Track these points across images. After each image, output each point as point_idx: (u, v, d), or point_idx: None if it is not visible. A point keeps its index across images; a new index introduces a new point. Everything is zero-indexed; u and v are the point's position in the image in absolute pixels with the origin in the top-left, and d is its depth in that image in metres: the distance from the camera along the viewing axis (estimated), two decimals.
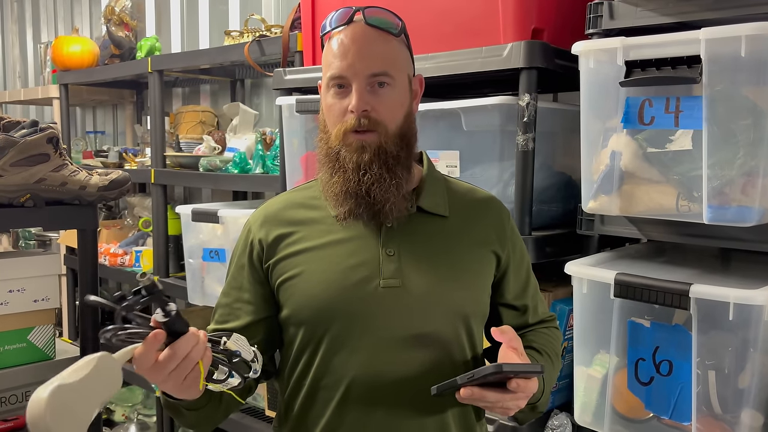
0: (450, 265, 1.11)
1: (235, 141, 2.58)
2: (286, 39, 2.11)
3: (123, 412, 3.20)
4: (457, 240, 1.13)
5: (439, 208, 1.14)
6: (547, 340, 1.20)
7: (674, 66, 1.22)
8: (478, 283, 1.13)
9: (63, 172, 1.43)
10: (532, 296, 1.22)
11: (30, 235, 3.54)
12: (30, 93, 3.53)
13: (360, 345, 1.06)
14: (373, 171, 1.05)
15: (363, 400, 1.06)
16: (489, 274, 1.15)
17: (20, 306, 1.44)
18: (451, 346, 1.09)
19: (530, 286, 1.22)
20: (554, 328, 1.25)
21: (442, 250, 1.12)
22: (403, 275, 1.08)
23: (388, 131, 1.07)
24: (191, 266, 2.36)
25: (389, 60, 1.07)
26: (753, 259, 1.44)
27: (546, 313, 1.25)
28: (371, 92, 1.06)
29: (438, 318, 1.08)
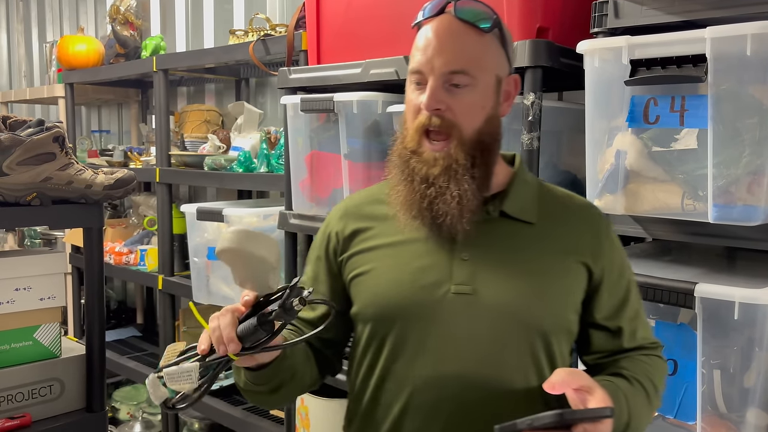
0: (531, 275, 1.02)
1: (240, 140, 2.59)
2: (290, 38, 2.11)
3: (128, 410, 3.21)
4: (543, 249, 1.04)
5: (525, 214, 1.06)
6: (643, 369, 1.06)
7: (679, 65, 1.21)
8: (563, 297, 1.03)
9: (69, 171, 1.43)
10: (630, 319, 1.08)
11: (36, 233, 3.55)
12: (35, 92, 3.54)
13: (423, 352, 1.01)
14: (437, 185, 1.00)
15: (424, 411, 1.02)
16: (577, 289, 1.05)
17: (26, 304, 1.45)
18: (524, 364, 1.01)
19: (628, 308, 1.08)
20: (655, 356, 1.10)
21: (523, 258, 1.03)
22: (476, 282, 1.01)
23: (463, 135, 1.00)
24: (196, 265, 2.37)
25: (472, 58, 0.99)
26: (758, 258, 1.44)
27: (648, 339, 1.12)
28: (447, 91, 0.99)
29: (512, 331, 1.00)
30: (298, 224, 1.98)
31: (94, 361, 1.51)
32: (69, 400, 1.49)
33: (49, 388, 1.47)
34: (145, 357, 3.10)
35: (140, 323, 3.60)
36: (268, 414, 2.41)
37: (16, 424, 1.39)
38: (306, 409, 1.94)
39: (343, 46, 1.85)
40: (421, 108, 1.00)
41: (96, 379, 1.51)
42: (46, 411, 1.46)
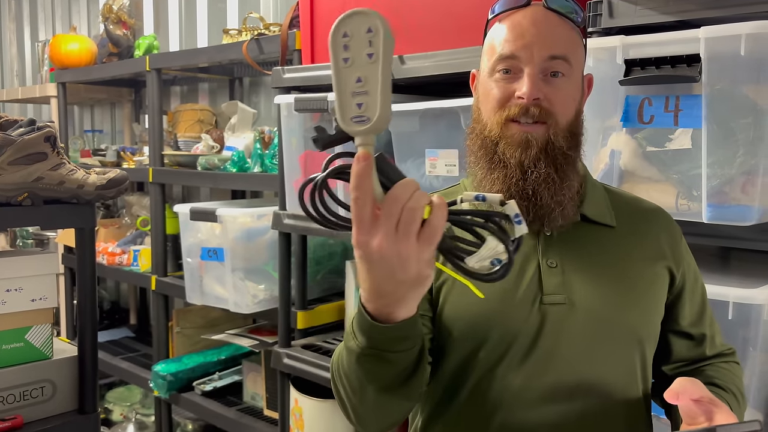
0: (619, 280, 0.97)
1: (234, 140, 2.58)
2: (284, 37, 2.10)
3: (121, 411, 3.19)
4: (627, 253, 0.99)
5: (605, 217, 1.01)
6: (730, 378, 1.03)
7: (674, 64, 1.21)
8: (652, 303, 0.99)
9: (61, 171, 1.42)
10: (709, 325, 1.05)
11: (28, 234, 3.53)
12: (27, 91, 3.52)
13: (518, 371, 0.92)
14: (540, 169, 0.91)
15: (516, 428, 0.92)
16: (662, 294, 1.00)
17: (18, 305, 1.44)
18: (623, 377, 0.95)
19: (707, 313, 1.06)
20: (734, 363, 1.07)
21: (609, 263, 0.98)
22: (569, 290, 0.94)
23: (559, 125, 0.93)
24: (189, 265, 2.36)
25: (571, 48, 0.94)
26: (752, 258, 1.44)
27: (724, 345, 1.07)
28: (545, 80, 0.92)
29: (611, 341, 0.95)
30: (292, 224, 1.98)
31: (87, 362, 1.50)
32: (61, 402, 1.48)
33: (41, 389, 1.46)
34: (138, 358, 3.08)
35: (133, 324, 3.59)
36: (262, 415, 2.40)
37: (7, 426, 1.38)
38: (300, 410, 1.94)
39: None
40: (517, 97, 0.92)
41: (88, 380, 1.50)
42: (37, 413, 1.45)
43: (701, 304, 1.06)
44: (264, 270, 2.26)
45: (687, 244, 1.07)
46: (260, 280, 2.25)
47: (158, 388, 2.59)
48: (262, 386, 2.40)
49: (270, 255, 2.25)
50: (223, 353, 2.72)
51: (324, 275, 2.34)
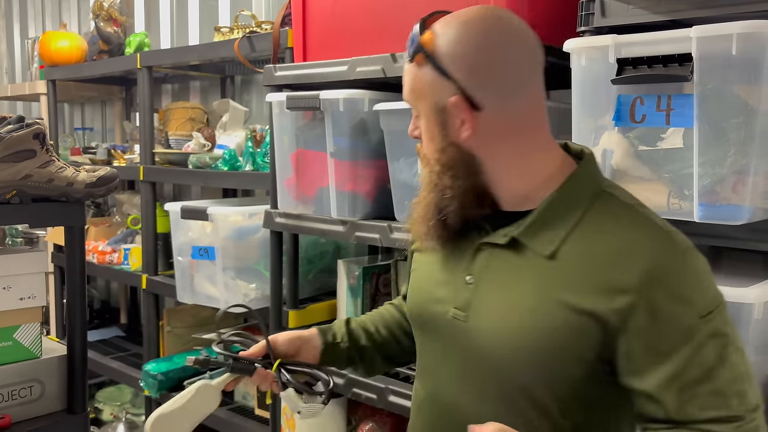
0: (522, 319, 0.90)
1: (225, 138, 2.57)
2: (276, 35, 2.09)
3: (111, 411, 3.18)
4: (552, 290, 0.89)
5: (541, 245, 0.92)
6: None
7: (666, 64, 1.21)
8: (551, 350, 0.89)
9: (50, 169, 1.41)
10: (673, 381, 0.85)
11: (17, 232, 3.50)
12: (17, 89, 3.49)
13: (431, 360, 1.04)
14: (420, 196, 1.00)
15: (427, 420, 1.05)
16: (574, 341, 0.88)
17: (6, 304, 1.42)
18: (497, 414, 0.91)
19: (671, 366, 0.85)
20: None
21: (525, 296, 0.91)
22: (471, 311, 0.95)
23: (429, 159, 0.98)
24: (180, 264, 2.35)
25: (408, 89, 0.98)
26: (743, 257, 1.44)
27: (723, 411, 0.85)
28: (417, 117, 1.00)
29: (486, 373, 0.94)
30: (284, 223, 1.97)
31: (76, 361, 1.49)
32: (49, 402, 1.47)
33: (29, 389, 1.44)
34: (128, 357, 3.07)
35: (124, 323, 3.57)
36: (253, 414, 2.39)
37: None
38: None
39: (330, 44, 1.84)
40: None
41: (77, 379, 1.49)
42: (26, 412, 1.44)
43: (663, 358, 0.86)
44: (255, 269, 2.26)
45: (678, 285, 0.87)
46: (251, 279, 2.24)
47: (149, 387, 2.58)
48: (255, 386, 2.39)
49: (261, 254, 2.24)
50: (214, 353, 2.70)
51: (315, 274, 2.33)
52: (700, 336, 0.85)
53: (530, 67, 0.96)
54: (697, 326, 0.85)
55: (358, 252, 2.43)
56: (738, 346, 0.88)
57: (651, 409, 0.88)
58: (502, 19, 0.95)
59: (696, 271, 0.88)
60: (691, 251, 0.90)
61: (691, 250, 0.90)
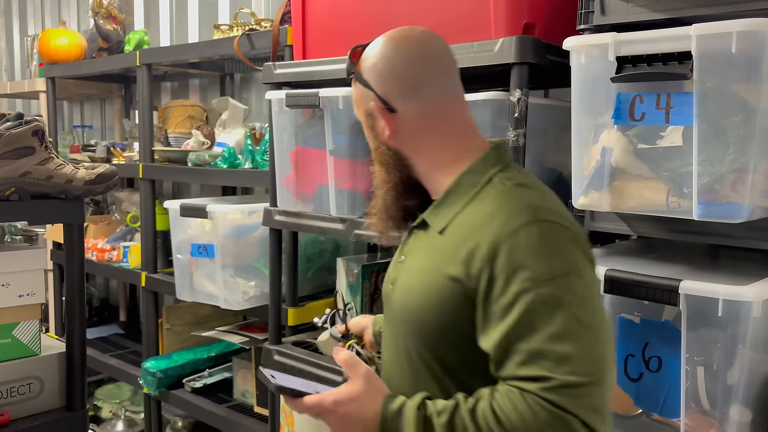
0: (417, 287, 1.05)
1: (225, 136, 2.57)
2: (276, 33, 2.09)
3: (110, 408, 3.18)
4: (436, 260, 1.03)
5: (436, 223, 1.07)
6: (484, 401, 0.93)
7: (665, 62, 1.22)
8: (425, 311, 1.02)
9: (49, 166, 1.41)
10: (502, 340, 0.93)
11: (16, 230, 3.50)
12: (16, 86, 3.49)
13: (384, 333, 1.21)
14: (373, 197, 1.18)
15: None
16: (450, 306, 0.99)
17: (5, 301, 1.42)
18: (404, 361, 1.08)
19: (503, 326, 0.93)
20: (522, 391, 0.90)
21: (418, 268, 1.07)
22: (396, 284, 1.12)
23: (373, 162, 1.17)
24: (179, 262, 2.35)
25: (353, 103, 1.17)
26: (742, 255, 1.45)
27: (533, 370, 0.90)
28: None
29: (399, 335, 1.10)
30: (283, 221, 1.97)
31: (75, 358, 1.49)
32: (48, 399, 1.47)
33: (28, 386, 1.44)
34: (127, 355, 3.07)
35: (123, 321, 3.57)
36: (253, 412, 2.39)
37: None
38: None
39: (329, 41, 1.84)
40: None
41: (76, 377, 1.49)
42: (24, 410, 1.43)
43: (497, 320, 0.94)
44: (254, 267, 2.26)
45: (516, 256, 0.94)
46: (251, 276, 2.24)
47: (148, 385, 2.58)
48: (253, 383, 2.40)
49: (261, 252, 2.24)
50: (213, 350, 2.71)
51: (315, 272, 2.33)
52: (530, 299, 0.91)
53: (430, 73, 1.08)
54: (528, 290, 0.92)
55: (357, 250, 2.43)
56: (579, 318, 0.91)
57: (491, 366, 0.96)
58: (409, 36, 1.10)
59: (537, 242, 0.94)
60: (537, 225, 0.96)
61: (539, 224, 0.96)
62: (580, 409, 0.88)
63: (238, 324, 2.61)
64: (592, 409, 0.89)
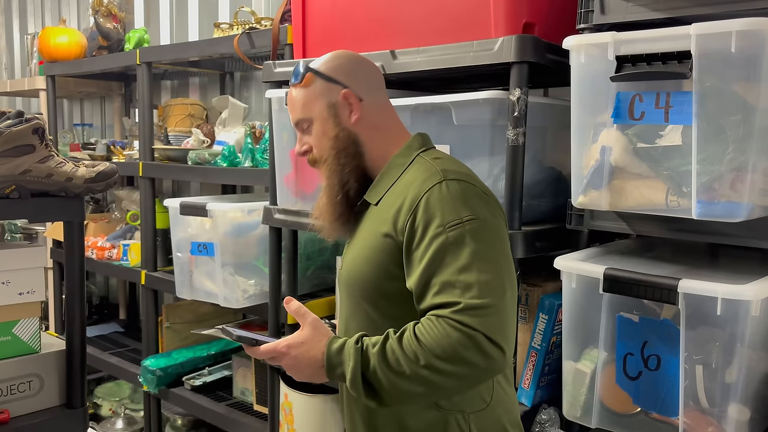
0: (355, 254, 1.25)
1: (224, 134, 2.57)
2: (276, 32, 2.09)
3: (110, 406, 3.18)
4: (369, 227, 1.24)
5: (373, 198, 1.26)
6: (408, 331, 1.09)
7: (665, 61, 1.22)
8: (372, 267, 1.20)
9: (49, 164, 1.41)
10: (421, 278, 1.10)
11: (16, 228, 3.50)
12: (16, 84, 3.49)
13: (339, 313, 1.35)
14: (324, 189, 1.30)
15: None
16: (383, 260, 1.18)
17: (5, 299, 1.43)
18: (359, 323, 1.25)
19: (421, 266, 1.11)
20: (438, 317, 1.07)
21: (358, 239, 1.27)
22: (344, 262, 1.30)
23: (324, 157, 1.28)
24: (179, 260, 2.35)
25: (301, 107, 1.29)
26: (741, 254, 1.45)
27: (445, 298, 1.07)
28: (306, 133, 1.30)
29: (349, 299, 1.27)
30: (283, 219, 1.97)
31: (75, 356, 1.49)
32: (48, 396, 1.47)
33: (28, 383, 1.45)
34: (127, 353, 3.07)
35: (123, 319, 3.57)
36: (252, 410, 2.39)
37: None
38: (290, 405, 1.93)
39: (329, 40, 1.84)
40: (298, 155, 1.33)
41: (76, 374, 1.49)
42: (24, 407, 1.44)
43: (418, 261, 1.12)
44: (254, 265, 2.26)
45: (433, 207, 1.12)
46: (250, 275, 2.24)
47: (147, 383, 2.58)
48: (252, 381, 2.40)
49: (260, 250, 2.25)
50: (213, 348, 2.71)
51: (314, 271, 2.33)
52: (441, 242, 1.10)
53: (378, 80, 1.33)
54: (440, 234, 1.10)
55: None
56: (482, 254, 1.09)
57: (414, 303, 1.14)
58: (358, 54, 1.35)
59: (446, 196, 1.13)
60: (448, 181, 1.15)
61: (449, 181, 1.15)
62: (485, 326, 1.05)
63: (238, 322, 2.61)
64: (495, 326, 1.05)
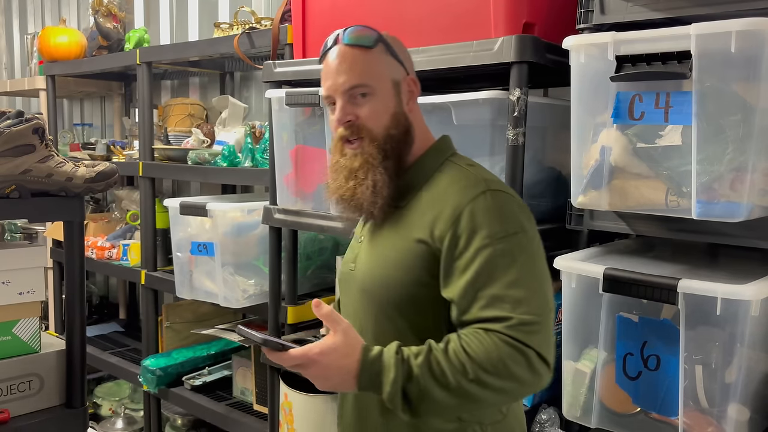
0: (379, 256, 1.20)
1: (224, 134, 2.57)
2: (276, 31, 2.09)
3: (110, 406, 3.18)
4: (398, 231, 1.18)
5: (398, 199, 1.20)
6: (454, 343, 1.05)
7: (664, 61, 1.22)
8: (398, 273, 1.15)
9: (49, 164, 1.41)
10: (467, 289, 1.07)
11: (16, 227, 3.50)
12: (16, 84, 3.49)
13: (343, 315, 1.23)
14: (359, 176, 1.18)
15: None
16: (415, 265, 1.14)
17: (5, 298, 1.43)
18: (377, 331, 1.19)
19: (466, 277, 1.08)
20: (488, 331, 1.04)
21: (381, 240, 1.21)
22: (357, 261, 1.24)
23: (374, 133, 1.18)
24: (179, 260, 2.35)
25: (366, 72, 1.18)
26: (740, 254, 1.45)
27: (496, 312, 1.05)
28: (354, 103, 1.18)
29: (364, 306, 1.21)
30: (283, 219, 1.97)
31: (75, 356, 1.49)
32: (48, 396, 1.47)
33: (28, 383, 1.45)
34: (127, 352, 3.07)
35: (123, 318, 3.57)
36: (252, 410, 2.40)
37: None
38: (290, 405, 1.93)
39: None
40: (336, 122, 1.19)
41: (76, 374, 1.49)
42: (24, 407, 1.44)
43: (461, 271, 1.09)
44: (254, 265, 2.26)
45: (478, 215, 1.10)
46: (250, 275, 2.24)
47: (147, 382, 2.58)
48: (252, 381, 2.40)
49: (260, 250, 2.25)
50: (213, 348, 2.71)
51: (314, 270, 2.33)
52: (489, 253, 1.08)
53: None
54: (487, 246, 1.08)
55: None
56: (528, 266, 1.08)
57: (454, 313, 1.11)
58: None
59: (491, 207, 1.11)
60: (491, 193, 1.13)
61: (492, 192, 1.13)
62: (536, 342, 1.04)
63: (237, 322, 2.61)
64: (543, 342, 1.05)
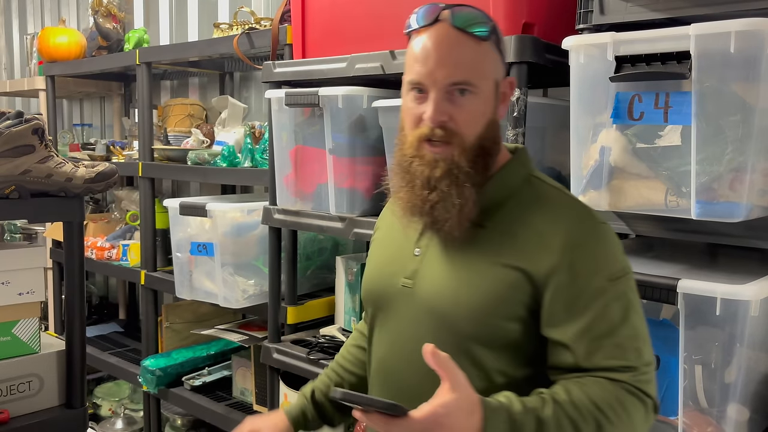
0: (460, 279, 1.02)
1: (224, 134, 2.57)
2: (275, 32, 2.09)
3: (110, 406, 3.18)
4: (482, 253, 1.02)
5: (478, 216, 1.03)
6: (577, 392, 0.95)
7: (664, 61, 1.22)
8: (489, 304, 0.99)
9: (49, 164, 1.41)
10: (584, 333, 0.97)
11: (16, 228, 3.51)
12: (16, 84, 3.49)
13: (384, 334, 1.11)
14: (441, 188, 1.00)
15: (381, 384, 1.12)
16: (509, 296, 0.99)
17: (5, 299, 1.43)
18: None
19: (584, 320, 0.97)
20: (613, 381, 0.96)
21: (461, 261, 1.03)
22: (418, 278, 1.07)
23: (465, 143, 1.00)
24: (179, 260, 2.35)
25: (474, 68, 0.99)
26: (740, 254, 1.45)
27: (622, 362, 0.97)
28: (450, 101, 0.99)
29: (433, 331, 1.03)
30: (282, 219, 1.97)
31: (74, 356, 1.49)
32: (48, 397, 1.48)
33: (28, 384, 1.45)
34: (127, 353, 3.07)
35: (122, 319, 3.57)
36: (252, 410, 2.39)
37: None
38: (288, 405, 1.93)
39: (329, 40, 1.84)
40: (424, 119, 1.00)
41: (76, 375, 1.49)
42: (24, 407, 1.44)
43: (580, 311, 0.97)
44: (254, 265, 2.26)
45: (592, 246, 0.99)
46: (250, 275, 2.24)
47: (147, 383, 2.58)
48: (252, 381, 2.40)
49: (260, 250, 2.25)
50: (213, 348, 2.71)
51: (314, 271, 2.34)
52: (608, 296, 0.98)
53: None
54: (606, 288, 0.98)
55: (357, 248, 2.43)
56: (638, 311, 1.01)
57: (564, 357, 0.99)
58: None
59: (607, 243, 1.02)
60: (604, 226, 1.03)
61: (604, 225, 1.03)
62: (652, 390, 1.00)
63: (237, 322, 2.61)
64: (655, 389, 1.01)
